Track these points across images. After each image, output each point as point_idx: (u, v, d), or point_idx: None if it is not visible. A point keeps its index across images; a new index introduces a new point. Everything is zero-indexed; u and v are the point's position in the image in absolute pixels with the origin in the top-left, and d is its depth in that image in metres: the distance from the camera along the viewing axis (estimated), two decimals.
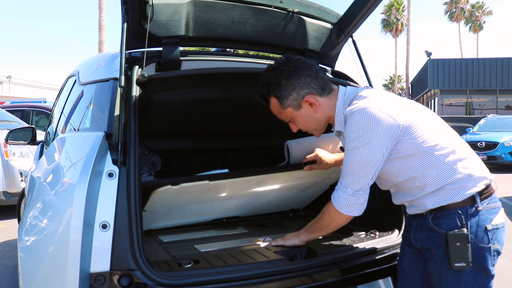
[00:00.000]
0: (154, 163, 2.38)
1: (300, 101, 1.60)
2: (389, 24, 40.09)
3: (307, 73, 1.59)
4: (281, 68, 1.60)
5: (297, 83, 1.58)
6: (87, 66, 2.51)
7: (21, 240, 1.96)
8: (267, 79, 1.62)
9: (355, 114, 1.49)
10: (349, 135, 1.51)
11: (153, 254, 1.94)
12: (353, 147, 1.49)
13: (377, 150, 1.48)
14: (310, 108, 1.61)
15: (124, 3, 1.78)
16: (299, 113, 1.62)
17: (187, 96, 2.09)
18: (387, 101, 1.54)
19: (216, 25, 2.07)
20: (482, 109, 27.95)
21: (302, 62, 1.62)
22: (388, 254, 1.88)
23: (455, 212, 1.48)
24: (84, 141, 1.82)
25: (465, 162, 1.51)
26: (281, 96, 1.60)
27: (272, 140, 2.73)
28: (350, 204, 1.55)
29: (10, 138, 3.68)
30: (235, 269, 1.64)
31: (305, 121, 1.65)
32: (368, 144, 1.47)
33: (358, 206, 1.55)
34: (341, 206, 1.56)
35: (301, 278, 1.68)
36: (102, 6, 20.02)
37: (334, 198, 1.58)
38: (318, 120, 1.65)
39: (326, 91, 1.61)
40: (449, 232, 1.46)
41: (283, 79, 1.58)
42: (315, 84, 1.59)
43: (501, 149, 11.07)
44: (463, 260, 1.43)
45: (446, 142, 1.52)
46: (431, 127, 1.54)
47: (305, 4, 2.24)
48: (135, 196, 1.53)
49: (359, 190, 1.53)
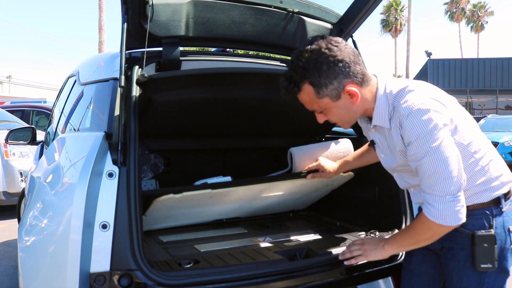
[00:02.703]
0: (156, 164, 2.37)
1: (340, 91, 1.39)
2: (388, 24, 40.08)
3: (351, 58, 1.38)
4: (322, 51, 1.36)
5: (340, 70, 1.36)
6: (87, 66, 2.50)
7: (21, 240, 1.96)
8: (304, 63, 1.38)
9: (414, 115, 1.34)
10: (418, 140, 1.34)
11: (153, 254, 1.94)
12: (430, 151, 1.33)
13: (451, 141, 1.35)
14: (350, 99, 1.41)
15: (124, 3, 1.78)
16: (336, 104, 1.42)
17: (187, 96, 2.09)
18: (436, 93, 1.44)
19: (216, 25, 2.06)
20: (482, 109, 27.93)
21: (345, 45, 1.40)
22: None
23: (482, 213, 1.45)
24: (84, 141, 1.82)
25: (494, 164, 1.48)
26: (319, 84, 1.37)
27: (272, 140, 2.72)
28: (455, 212, 1.34)
29: (10, 138, 3.68)
30: (235, 269, 1.64)
31: (340, 114, 1.46)
32: (444, 141, 1.33)
33: (462, 209, 1.35)
34: (446, 219, 1.35)
35: (301, 278, 1.68)
36: (102, 6, 20.02)
37: (432, 215, 1.36)
38: (355, 113, 1.47)
39: (366, 81, 1.43)
40: (477, 233, 1.43)
41: (324, 64, 1.36)
42: (357, 73, 1.40)
43: (501, 149, 11.05)
44: (489, 261, 1.41)
45: (480, 143, 1.47)
46: (470, 127, 1.47)
47: (305, 4, 2.24)
48: (135, 196, 1.53)
49: (457, 191, 1.34)
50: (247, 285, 1.60)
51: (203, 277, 1.57)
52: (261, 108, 2.36)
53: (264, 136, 2.70)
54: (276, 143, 2.71)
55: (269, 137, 2.72)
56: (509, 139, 11.21)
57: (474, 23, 44.52)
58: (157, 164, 2.37)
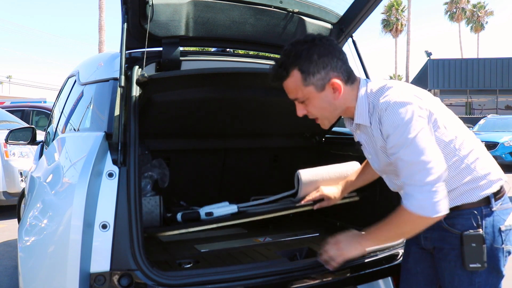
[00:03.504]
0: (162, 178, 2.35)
1: (325, 83, 1.46)
2: (389, 24, 40.10)
3: (340, 56, 1.47)
4: (315, 42, 1.45)
5: (329, 62, 1.45)
6: (87, 66, 2.51)
7: (21, 240, 1.96)
8: (296, 50, 1.45)
9: (392, 107, 1.38)
10: (395, 131, 1.37)
11: (153, 254, 1.94)
12: (406, 143, 1.35)
13: (429, 132, 1.37)
14: (332, 93, 1.47)
15: (124, 3, 1.78)
16: (319, 95, 1.48)
17: (187, 96, 2.09)
18: (416, 90, 1.47)
19: (216, 25, 2.07)
20: (482, 109, 27.94)
21: (336, 44, 1.50)
22: (388, 254, 1.88)
23: (470, 213, 1.45)
24: (84, 141, 1.82)
25: (481, 162, 1.48)
26: (307, 71, 1.44)
27: (272, 140, 2.72)
28: (434, 203, 1.34)
29: (10, 138, 3.68)
30: (235, 269, 1.64)
31: (321, 106, 1.50)
32: (421, 131, 1.35)
33: (443, 200, 1.35)
34: (425, 210, 1.34)
35: (301, 278, 1.68)
36: (102, 6, 20.03)
37: (412, 205, 1.36)
38: (335, 109, 1.52)
39: (351, 80, 1.50)
40: (465, 233, 1.43)
41: (315, 54, 1.44)
42: (344, 70, 1.48)
43: (501, 149, 11.07)
44: (478, 261, 1.41)
45: (465, 141, 1.47)
46: (453, 125, 1.48)
47: (305, 4, 2.24)
48: (135, 196, 1.53)
49: (437, 181, 1.34)
50: (247, 285, 1.60)
51: (203, 277, 1.57)
52: (261, 108, 2.37)
53: (264, 136, 2.70)
54: (276, 143, 2.71)
55: (269, 137, 2.72)
56: (509, 139, 11.21)
57: (474, 23, 44.52)
58: (163, 179, 2.36)
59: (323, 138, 2.90)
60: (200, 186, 2.66)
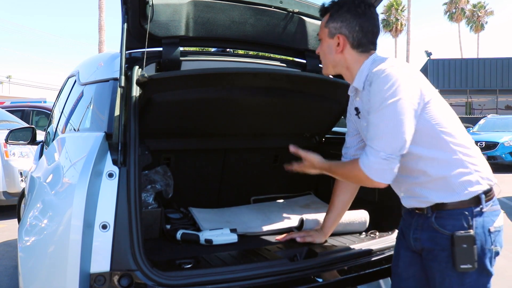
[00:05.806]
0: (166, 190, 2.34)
1: (334, 33, 1.63)
2: (389, 24, 40.11)
3: (362, 24, 1.60)
4: (356, 2, 1.62)
5: (348, 21, 1.60)
6: (87, 66, 2.51)
7: (21, 240, 1.96)
8: (340, 1, 1.65)
9: (381, 72, 1.45)
10: (376, 95, 1.45)
11: (153, 254, 1.94)
12: (381, 106, 1.42)
13: (408, 106, 1.40)
14: (336, 46, 1.63)
15: (124, 3, 1.78)
16: (328, 41, 1.65)
17: (187, 96, 2.09)
18: (416, 72, 1.53)
19: (216, 25, 2.07)
20: (482, 109, 27.96)
21: (370, 15, 1.62)
22: (388, 254, 1.88)
23: (461, 213, 1.46)
24: (84, 141, 1.82)
25: (473, 159, 1.49)
26: (332, 18, 1.64)
27: (272, 140, 2.72)
28: (383, 169, 1.42)
29: (10, 138, 3.68)
30: (235, 269, 1.64)
31: (325, 51, 1.68)
32: (398, 101, 1.39)
33: (390, 171, 1.43)
34: (371, 171, 1.44)
35: (301, 279, 1.68)
36: (102, 6, 20.02)
37: (364, 164, 1.45)
38: (334, 61, 1.66)
39: (360, 48, 1.62)
40: (456, 234, 1.43)
41: (345, 7, 1.62)
42: (356, 36, 1.60)
43: (501, 149, 11.06)
44: (469, 262, 1.41)
45: (458, 134, 1.49)
46: (448, 115, 1.51)
47: (305, 4, 2.25)
48: (135, 196, 1.53)
49: (392, 153, 1.41)
50: (247, 286, 1.60)
51: (203, 277, 1.57)
52: (261, 108, 2.37)
53: (264, 136, 2.70)
54: (276, 143, 2.71)
55: (269, 137, 2.72)
56: (509, 139, 11.21)
57: (474, 23, 44.53)
58: (167, 191, 2.35)
59: (323, 138, 2.90)
60: (200, 186, 2.66)
